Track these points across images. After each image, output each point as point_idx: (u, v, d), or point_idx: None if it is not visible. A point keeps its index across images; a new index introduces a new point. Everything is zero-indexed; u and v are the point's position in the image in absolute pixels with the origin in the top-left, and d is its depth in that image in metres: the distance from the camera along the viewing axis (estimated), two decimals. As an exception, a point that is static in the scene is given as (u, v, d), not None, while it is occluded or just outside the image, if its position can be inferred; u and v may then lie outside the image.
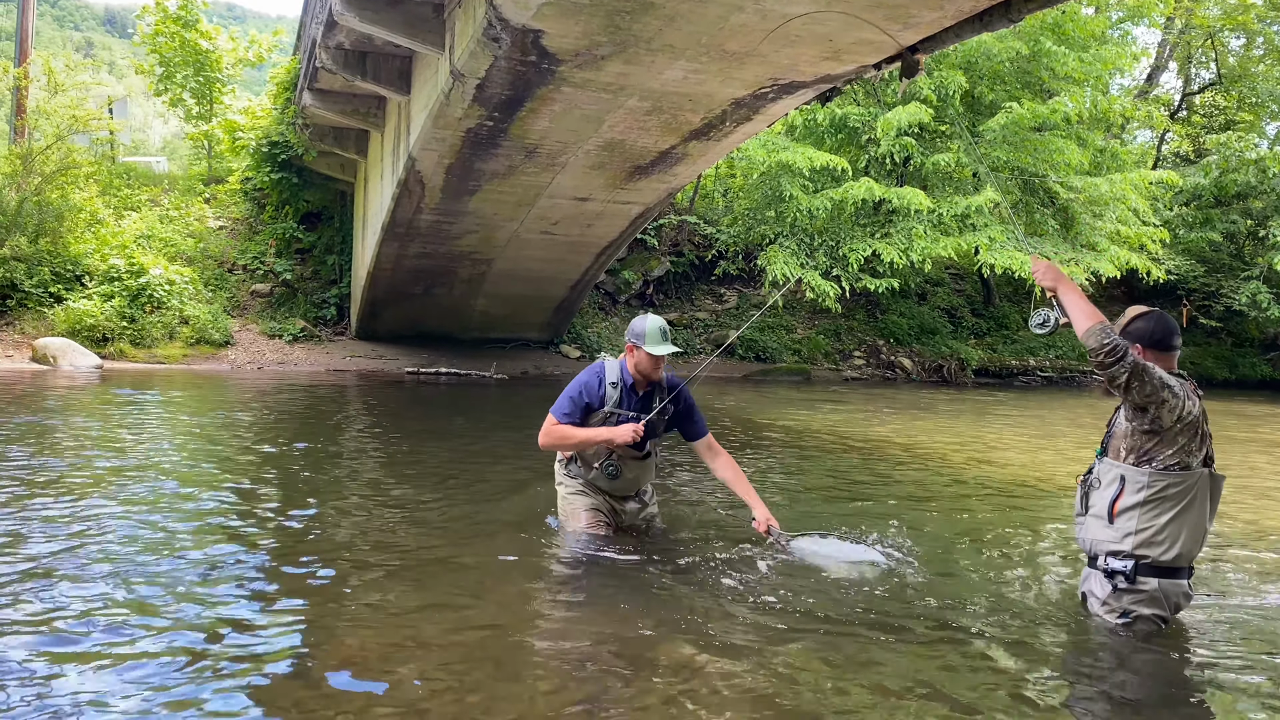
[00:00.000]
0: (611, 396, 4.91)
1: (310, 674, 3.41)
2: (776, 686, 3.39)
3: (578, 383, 4.96)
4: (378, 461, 8.07)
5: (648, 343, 4.83)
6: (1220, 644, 4.00)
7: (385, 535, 5.39)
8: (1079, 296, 3.77)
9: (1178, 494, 3.71)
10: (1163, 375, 3.65)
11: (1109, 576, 3.84)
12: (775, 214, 21.17)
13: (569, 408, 4.89)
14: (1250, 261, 29.28)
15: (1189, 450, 3.71)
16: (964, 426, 13.41)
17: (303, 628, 3.85)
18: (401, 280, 18.02)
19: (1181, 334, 3.96)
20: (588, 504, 5.07)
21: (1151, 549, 3.74)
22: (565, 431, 4.85)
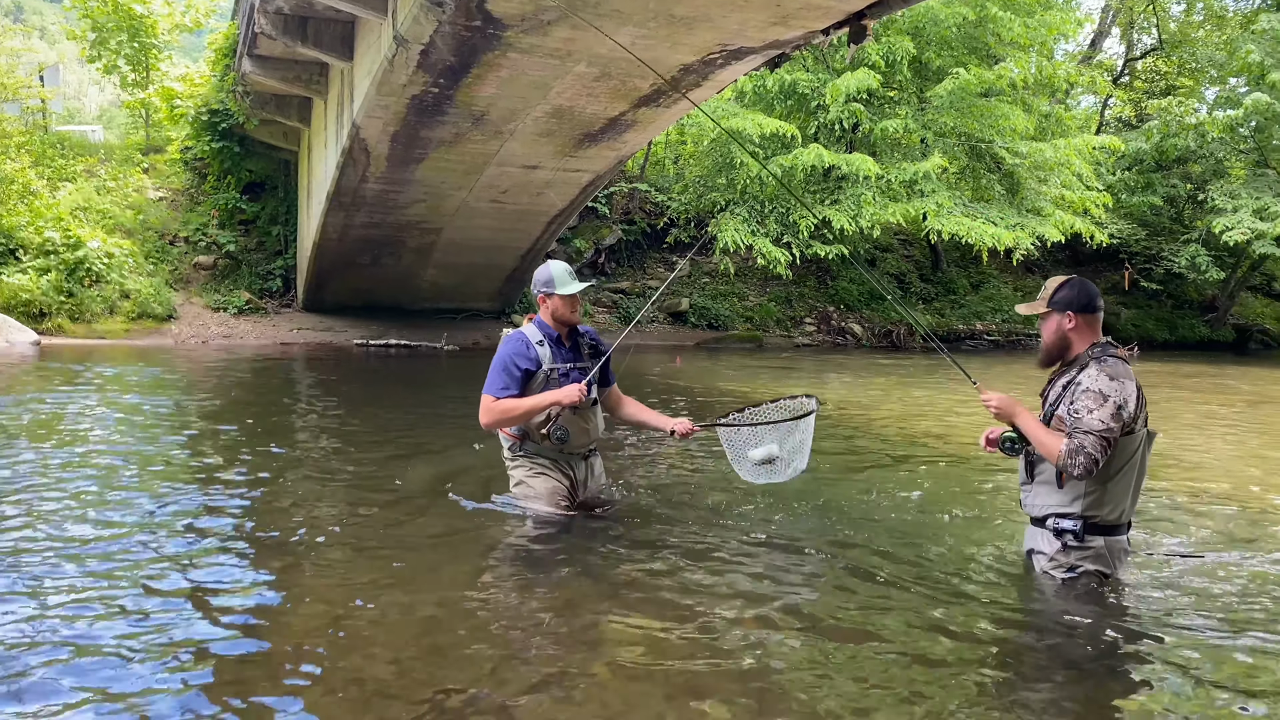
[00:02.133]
0: (544, 355, 4.80)
1: (260, 654, 3.36)
2: (735, 658, 3.40)
3: (503, 356, 4.77)
4: (329, 436, 7.96)
5: (559, 286, 4.79)
6: (1158, 595, 4.14)
7: (339, 512, 5.33)
8: (1035, 424, 3.92)
9: (1123, 458, 3.84)
10: (1110, 420, 3.71)
11: (1058, 535, 3.95)
12: (726, 181, 21.15)
13: (505, 381, 4.72)
14: (1189, 225, 29.87)
15: (1136, 418, 3.83)
16: (913, 390, 13.56)
17: (252, 607, 3.79)
18: (348, 250, 17.74)
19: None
20: (545, 487, 4.95)
21: (1100, 510, 3.88)
22: (508, 405, 4.68)
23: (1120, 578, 4.08)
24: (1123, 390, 3.76)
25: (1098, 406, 3.73)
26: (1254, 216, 24.05)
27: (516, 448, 4.99)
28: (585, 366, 4.91)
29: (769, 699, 3.07)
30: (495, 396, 4.71)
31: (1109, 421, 3.71)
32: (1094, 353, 3.90)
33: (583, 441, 4.94)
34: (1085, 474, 3.75)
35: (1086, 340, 3.95)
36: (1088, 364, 3.87)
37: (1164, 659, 3.47)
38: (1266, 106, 24.06)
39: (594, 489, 5.18)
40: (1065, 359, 4.00)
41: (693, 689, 3.12)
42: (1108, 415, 3.71)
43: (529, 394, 4.75)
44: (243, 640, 3.45)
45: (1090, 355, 3.90)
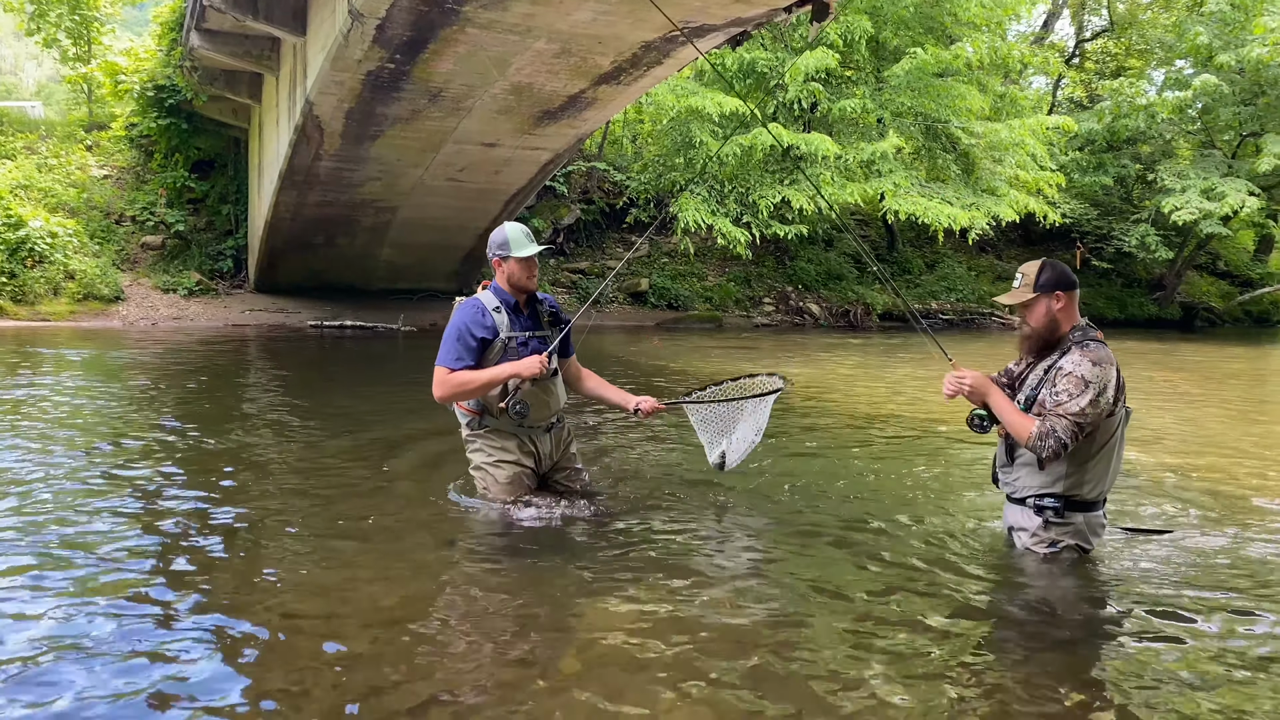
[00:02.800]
0: (501, 322, 4.55)
1: (221, 650, 3.24)
2: (712, 643, 3.35)
3: (458, 324, 4.50)
4: (282, 422, 7.78)
5: (514, 249, 4.56)
6: (1133, 568, 4.19)
7: (297, 500, 5.18)
8: (1007, 404, 3.91)
9: (1104, 438, 3.86)
10: (1087, 407, 3.71)
11: (1039, 512, 3.98)
12: (685, 160, 21.05)
13: (459, 352, 4.45)
14: (1139, 205, 30.36)
15: (1115, 402, 3.85)
16: (876, 369, 13.63)
17: (211, 600, 3.66)
18: (301, 230, 17.41)
19: (1075, 275, 4.06)
20: (505, 475, 4.75)
21: (1081, 488, 3.91)
22: (464, 378, 4.40)
23: (1097, 552, 4.12)
24: (1104, 376, 3.76)
25: (1079, 393, 3.73)
26: (1201, 196, 24.50)
27: (475, 423, 4.73)
28: (545, 335, 4.70)
29: (751, 683, 3.02)
30: (450, 368, 4.45)
31: (1086, 408, 3.72)
32: (1075, 336, 3.90)
33: (543, 414, 4.69)
34: (1054, 457, 3.77)
35: (1070, 319, 3.95)
36: (1069, 349, 3.87)
37: (1146, 629, 3.50)
38: (1214, 88, 24.47)
39: (561, 462, 4.95)
40: (1052, 341, 3.98)
41: (672, 676, 3.06)
42: (1086, 402, 3.72)
43: (486, 364, 4.49)
44: (192, 638, 3.32)
45: (1072, 339, 3.90)
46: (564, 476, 5.00)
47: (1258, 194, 24.70)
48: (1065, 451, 3.75)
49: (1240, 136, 28.64)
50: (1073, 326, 3.94)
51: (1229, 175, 25.69)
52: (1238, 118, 27.18)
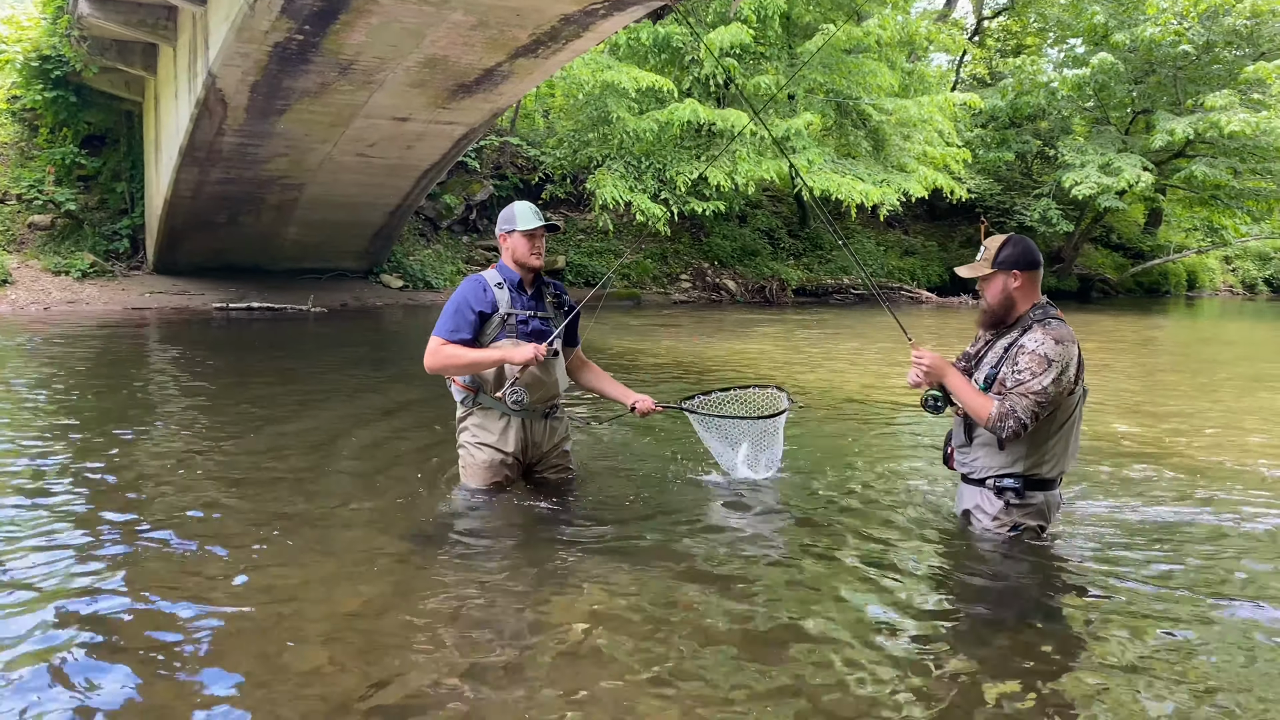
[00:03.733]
0: (502, 298, 4.44)
1: (157, 665, 3.01)
2: (679, 644, 3.25)
3: (460, 296, 4.43)
4: (199, 411, 7.40)
5: (519, 222, 4.46)
6: (1093, 545, 4.25)
7: (229, 496, 4.91)
8: (965, 385, 3.87)
9: (1062, 416, 3.85)
10: (1049, 386, 3.69)
11: (999, 494, 3.95)
12: (600, 136, 20.83)
13: (455, 323, 4.35)
14: (1039, 180, 31.25)
15: (1076, 380, 3.84)
16: (799, 344, 13.71)
17: (150, 610, 3.42)
18: (203, 208, 16.67)
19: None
20: (483, 459, 4.58)
21: (1041, 467, 3.89)
22: (453, 352, 4.31)
23: (1054, 530, 4.15)
24: (1067, 354, 3.75)
25: (1041, 371, 3.71)
26: (1099, 171, 25.29)
27: (469, 400, 4.57)
28: (547, 317, 4.57)
29: (721, 677, 2.93)
30: (444, 339, 4.35)
31: (1049, 387, 3.70)
32: (1036, 314, 3.87)
33: (541, 396, 4.53)
34: (1013, 437, 3.75)
35: (1029, 299, 3.91)
36: (1031, 326, 3.84)
37: (1110, 608, 3.53)
38: (1111, 66, 25.24)
39: (549, 451, 4.75)
40: (1007, 320, 3.95)
41: (644, 673, 2.96)
42: (1048, 381, 3.70)
43: (484, 339, 4.40)
44: (143, 651, 3.09)
45: (1033, 317, 3.86)
46: (551, 470, 4.82)
47: (1150, 169, 25.64)
48: (1025, 431, 3.74)
49: (1133, 114, 29.66)
50: (1033, 305, 3.90)
51: (1124, 151, 26.59)
52: (1130, 95, 28.14)
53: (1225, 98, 23.91)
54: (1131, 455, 6.34)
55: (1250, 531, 4.67)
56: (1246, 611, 3.56)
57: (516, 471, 4.68)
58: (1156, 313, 25.76)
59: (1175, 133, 24.74)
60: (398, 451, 5.90)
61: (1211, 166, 25.67)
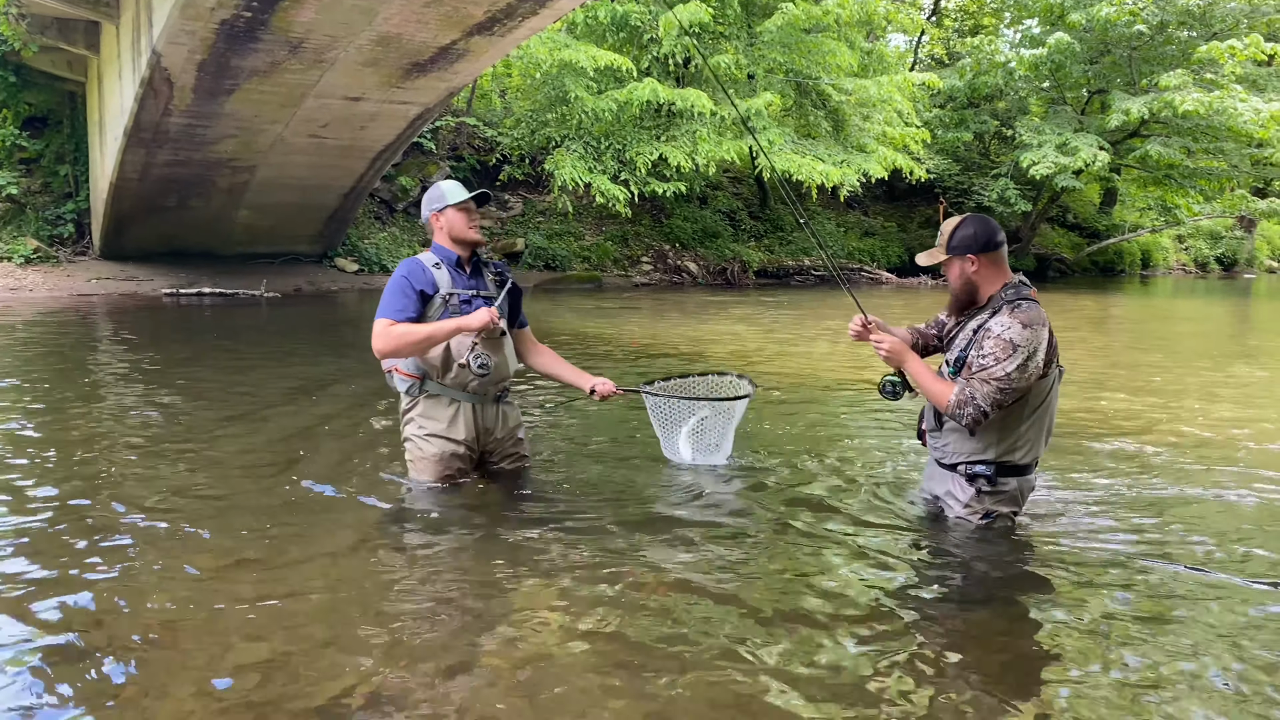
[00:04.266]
0: (442, 278, 4.25)
1: (101, 658, 2.82)
2: (648, 631, 3.12)
3: (399, 278, 4.21)
4: (146, 401, 7.14)
5: (450, 197, 4.28)
6: (1067, 529, 4.16)
7: (177, 485, 4.69)
8: (924, 370, 3.76)
9: (1036, 400, 3.72)
10: (1014, 372, 3.56)
11: (971, 480, 3.83)
12: (558, 116, 20.55)
13: (401, 303, 4.14)
14: (996, 160, 31.42)
15: (1050, 361, 3.71)
16: (759, 326, 13.62)
17: (90, 605, 3.21)
18: (151, 192, 16.23)
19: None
20: (434, 451, 4.38)
21: (1014, 453, 3.77)
22: (405, 329, 4.06)
23: (1028, 512, 4.06)
24: (1035, 339, 3.58)
25: (1006, 357, 3.56)
26: (1056, 151, 25.44)
27: (414, 389, 4.35)
28: (490, 296, 4.38)
29: (686, 676, 2.80)
30: (392, 320, 4.10)
31: (1013, 373, 3.56)
32: (1007, 295, 3.72)
33: (491, 379, 4.33)
34: (973, 424, 3.62)
35: (995, 281, 3.76)
36: (1000, 308, 3.69)
37: (1084, 593, 3.44)
38: (1067, 46, 25.35)
39: (503, 439, 4.55)
40: (976, 303, 3.83)
41: (606, 674, 2.83)
42: (1013, 368, 3.55)
43: (426, 322, 4.18)
44: (80, 656, 2.90)
45: (1003, 298, 3.71)
46: (505, 460, 4.62)
47: (1106, 148, 25.82)
48: (985, 419, 3.60)
49: (1088, 94, 29.87)
50: (1004, 285, 3.75)
51: (1080, 131, 26.76)
52: (1086, 75, 28.31)
53: (1179, 77, 24.12)
54: (1102, 433, 6.30)
55: (1226, 505, 4.64)
56: (1224, 589, 3.51)
57: (470, 463, 4.48)
58: (1113, 291, 26.03)
59: (1130, 112, 24.94)
60: (351, 443, 5.70)
61: (1166, 146, 25.91)
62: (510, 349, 4.48)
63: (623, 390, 4.59)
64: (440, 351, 4.22)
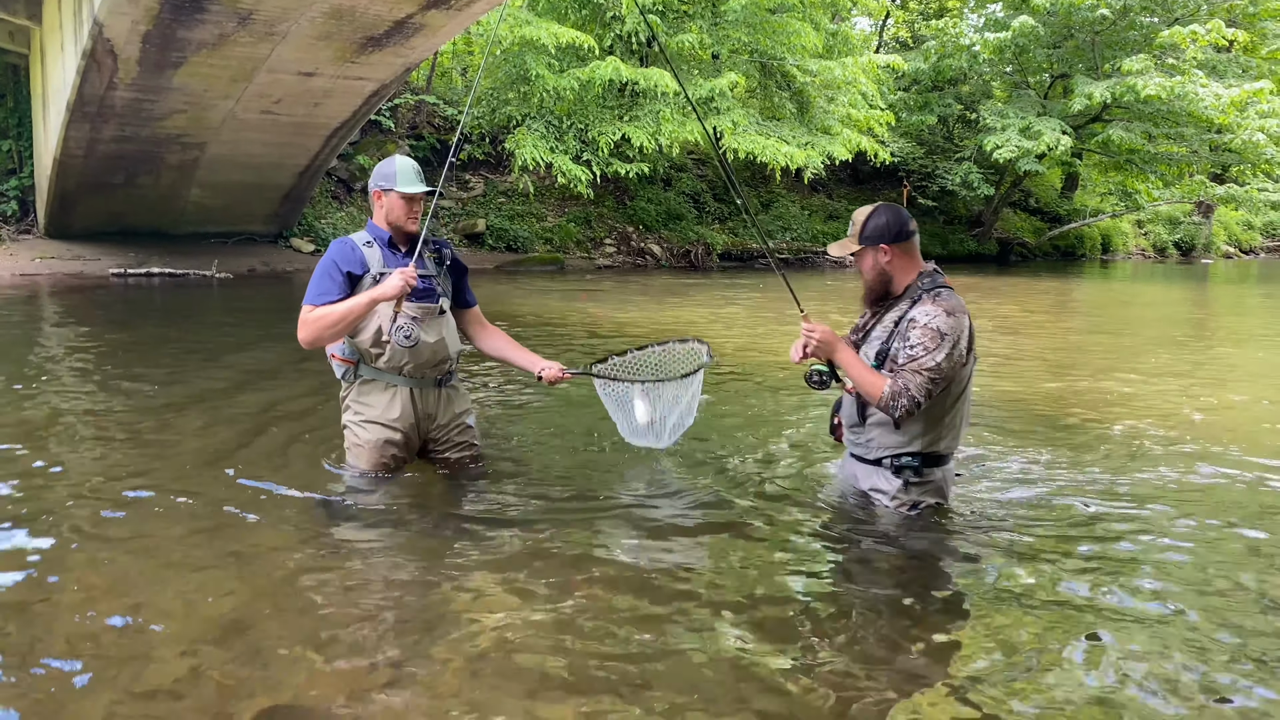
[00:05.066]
0: (373, 257, 4.02)
1: (27, 665, 2.59)
2: (592, 634, 2.93)
3: (325, 260, 3.99)
4: (92, 385, 6.82)
5: (399, 182, 4.01)
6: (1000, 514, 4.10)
7: (111, 478, 4.43)
8: (856, 362, 3.62)
9: (956, 388, 3.66)
10: (943, 361, 3.48)
11: (898, 473, 3.75)
12: (520, 94, 20.20)
13: (324, 287, 3.91)
14: (959, 144, 31.44)
15: (968, 349, 3.65)
16: (718, 309, 13.46)
17: (10, 611, 2.97)
18: (97, 168, 15.71)
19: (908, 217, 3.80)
20: (371, 438, 4.15)
21: (939, 443, 3.72)
22: (322, 313, 3.85)
23: (951, 504, 3.95)
24: (959, 326, 3.53)
25: (935, 346, 3.48)
26: (1020, 135, 25.46)
27: (349, 375, 4.13)
28: (429, 275, 4.13)
29: (631, 678, 2.62)
30: (313, 305, 3.90)
31: (942, 363, 3.48)
32: (924, 284, 3.64)
33: (430, 360, 4.10)
34: (907, 415, 3.54)
35: (909, 270, 3.68)
36: (920, 298, 3.61)
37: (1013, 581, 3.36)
38: (1031, 29, 25.36)
39: (447, 424, 4.31)
40: (891, 293, 3.73)
41: (551, 675, 2.64)
42: (941, 357, 3.48)
43: None
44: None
45: (921, 287, 3.64)
46: (450, 448, 4.38)
47: (1069, 133, 25.89)
48: (918, 410, 3.52)
49: (1051, 78, 29.94)
50: (919, 274, 3.67)
51: (1043, 115, 26.81)
52: (1049, 59, 28.37)
53: (1141, 62, 24.21)
54: (1052, 416, 6.19)
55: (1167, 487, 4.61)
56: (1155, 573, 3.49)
57: (409, 451, 4.26)
58: (1074, 275, 26.15)
59: (1093, 96, 25.00)
60: (295, 431, 5.45)
61: (1127, 130, 26.03)
62: (452, 328, 4.26)
63: (571, 374, 4.36)
64: (371, 334, 4.00)
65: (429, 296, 4.12)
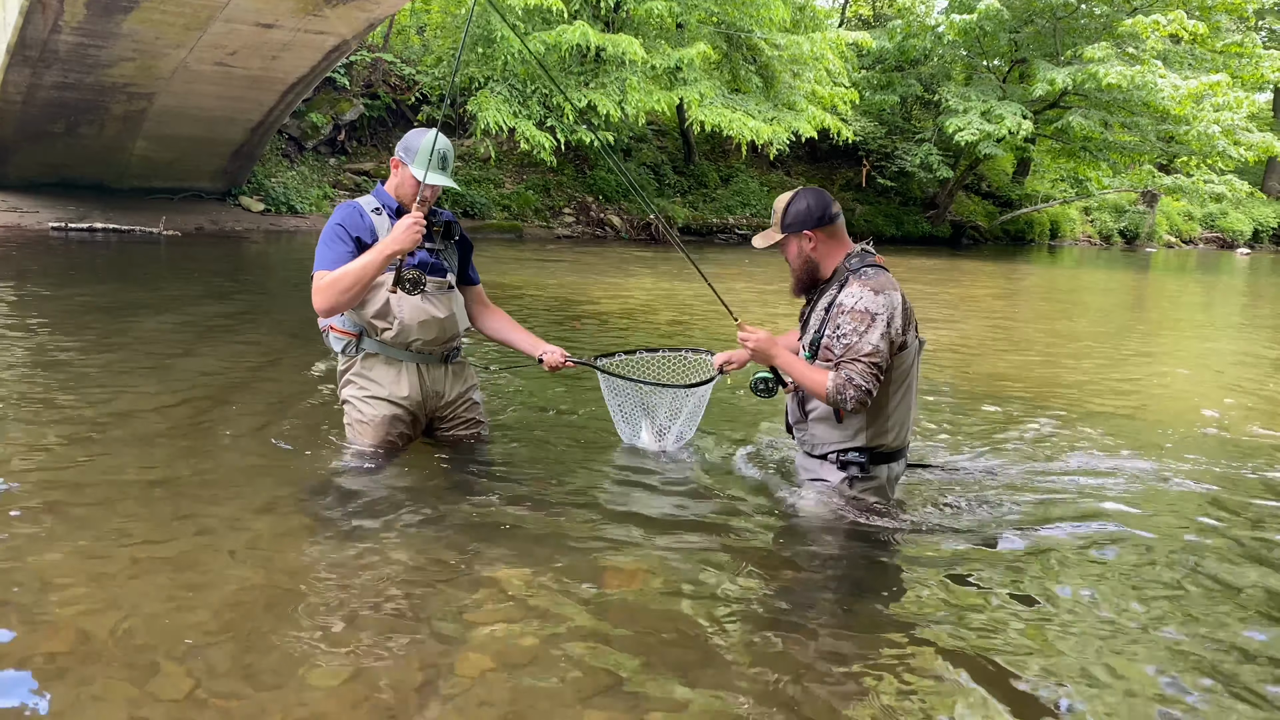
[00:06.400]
0: (381, 225, 3.77)
1: None
2: (617, 639, 2.68)
3: (333, 225, 3.73)
4: (34, 350, 6.37)
5: (416, 162, 3.71)
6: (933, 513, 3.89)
7: (63, 453, 4.05)
8: (795, 362, 3.48)
9: (899, 376, 3.48)
10: (879, 342, 3.31)
11: (843, 468, 3.57)
12: (482, 56, 19.62)
13: (337, 252, 3.67)
14: (918, 125, 31.43)
15: (907, 328, 3.46)
16: (679, 287, 13.23)
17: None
18: (36, 116, 14.91)
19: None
20: (375, 413, 3.89)
21: (885, 438, 3.53)
22: (336, 275, 3.59)
23: (896, 500, 3.77)
24: (889, 304, 3.35)
25: (865, 328, 3.32)
26: (981, 118, 25.49)
27: (351, 348, 3.87)
28: (437, 249, 3.88)
29: (663, 685, 2.38)
30: (326, 270, 3.62)
31: (879, 344, 3.31)
32: (852, 264, 3.47)
33: (439, 336, 3.87)
34: (860, 406, 3.35)
35: (835, 254, 3.52)
36: (846, 279, 3.45)
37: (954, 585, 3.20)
38: (996, 12, 25.34)
39: (454, 401, 4.08)
40: (819, 280, 3.57)
41: (581, 678, 2.39)
42: (877, 337, 3.31)
43: None
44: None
45: (848, 269, 3.47)
46: (457, 426, 4.14)
47: (1029, 117, 25.97)
48: (870, 398, 3.34)
49: (1011, 62, 30.02)
50: (846, 255, 3.50)
51: (1003, 99, 26.87)
52: (1010, 43, 28.42)
53: (1103, 50, 24.30)
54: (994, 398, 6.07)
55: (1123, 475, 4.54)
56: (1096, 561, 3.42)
57: (415, 429, 4.03)
58: (1022, 260, 26.36)
59: (1055, 82, 25.07)
60: (267, 402, 5.09)
61: (1086, 118, 26.19)
62: (459, 305, 4.02)
63: (574, 362, 4.11)
64: (377, 306, 3.74)
65: (437, 270, 3.90)
